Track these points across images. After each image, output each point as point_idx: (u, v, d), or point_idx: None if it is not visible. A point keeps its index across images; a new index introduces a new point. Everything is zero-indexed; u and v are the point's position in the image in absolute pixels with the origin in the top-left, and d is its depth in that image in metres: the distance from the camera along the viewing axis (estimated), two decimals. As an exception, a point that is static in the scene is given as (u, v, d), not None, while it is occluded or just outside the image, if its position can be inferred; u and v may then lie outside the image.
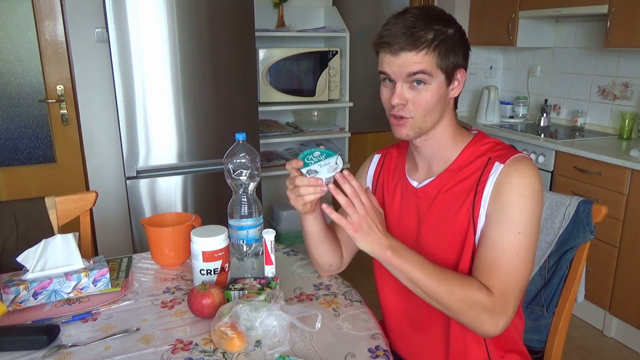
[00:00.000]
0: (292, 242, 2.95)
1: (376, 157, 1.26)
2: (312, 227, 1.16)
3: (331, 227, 1.24)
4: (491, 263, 0.98)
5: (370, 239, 0.98)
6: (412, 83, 0.99)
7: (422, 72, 0.98)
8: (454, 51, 1.00)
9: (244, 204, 1.34)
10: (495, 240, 0.98)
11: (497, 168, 1.01)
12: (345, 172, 0.99)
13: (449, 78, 1.01)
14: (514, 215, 0.97)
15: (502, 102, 3.42)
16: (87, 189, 2.95)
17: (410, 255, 0.99)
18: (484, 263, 0.99)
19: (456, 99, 1.08)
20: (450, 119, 1.07)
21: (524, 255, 0.97)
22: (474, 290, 0.96)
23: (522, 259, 0.97)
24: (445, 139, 1.07)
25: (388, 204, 1.18)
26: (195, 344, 1.00)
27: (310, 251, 1.24)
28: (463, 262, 1.04)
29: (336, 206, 1.03)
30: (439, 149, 1.08)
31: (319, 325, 1.03)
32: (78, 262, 1.22)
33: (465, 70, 1.04)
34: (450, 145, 1.08)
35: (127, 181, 2.40)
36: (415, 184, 1.12)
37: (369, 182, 1.24)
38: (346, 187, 0.98)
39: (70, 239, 1.24)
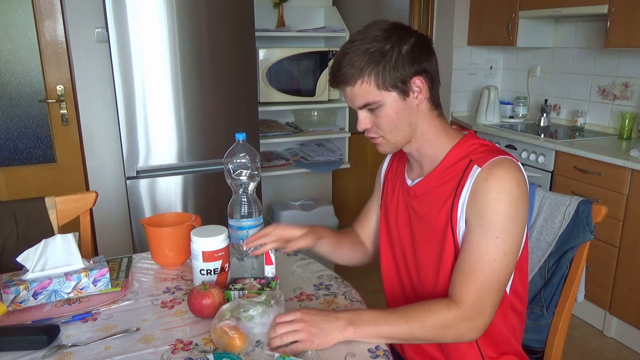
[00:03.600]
0: (292, 242, 2.94)
1: (389, 155, 1.28)
2: (321, 250, 1.27)
3: (351, 231, 1.33)
4: (467, 269, 0.99)
5: (330, 336, 0.96)
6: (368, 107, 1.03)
7: (367, 104, 1.01)
8: (395, 67, 0.97)
9: (244, 204, 1.34)
10: (473, 246, 0.99)
11: (475, 171, 1.01)
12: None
13: (404, 91, 1.00)
14: (490, 220, 0.97)
15: (502, 102, 3.42)
16: (87, 189, 2.95)
17: (369, 317, 0.99)
18: (461, 268, 1.00)
19: (436, 99, 1.06)
20: (428, 123, 1.06)
21: (502, 259, 0.98)
22: (442, 311, 0.98)
23: (499, 263, 0.98)
24: (427, 140, 1.07)
25: (389, 201, 1.21)
26: (195, 344, 1.00)
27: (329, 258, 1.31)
28: (444, 262, 1.05)
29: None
30: (425, 149, 1.09)
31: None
32: (78, 262, 1.22)
33: (427, 75, 1.01)
34: (435, 145, 1.08)
35: (127, 181, 2.40)
36: (409, 182, 1.15)
37: (381, 179, 1.28)
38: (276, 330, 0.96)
39: (70, 239, 1.24)
